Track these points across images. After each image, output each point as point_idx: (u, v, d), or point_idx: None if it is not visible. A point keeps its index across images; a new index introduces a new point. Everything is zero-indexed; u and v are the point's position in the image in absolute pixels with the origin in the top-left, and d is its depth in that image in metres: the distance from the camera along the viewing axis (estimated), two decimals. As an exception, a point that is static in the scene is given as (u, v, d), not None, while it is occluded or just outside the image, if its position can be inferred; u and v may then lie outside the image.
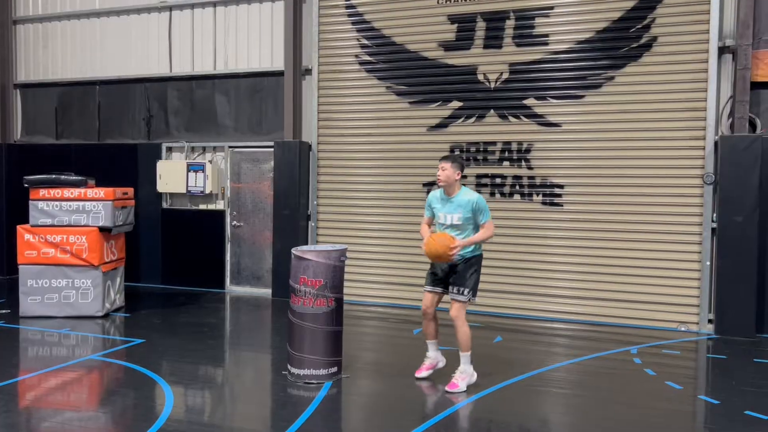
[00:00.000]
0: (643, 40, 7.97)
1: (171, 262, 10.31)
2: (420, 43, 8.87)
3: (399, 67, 9.00)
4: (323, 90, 9.43)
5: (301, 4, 9.41)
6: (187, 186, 9.94)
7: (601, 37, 8.13)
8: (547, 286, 8.45)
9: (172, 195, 10.28)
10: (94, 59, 10.79)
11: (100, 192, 8.04)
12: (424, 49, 8.86)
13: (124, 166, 10.32)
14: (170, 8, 10.21)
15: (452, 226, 5.50)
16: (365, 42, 9.14)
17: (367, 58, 9.15)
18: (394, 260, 9.12)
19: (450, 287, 5.56)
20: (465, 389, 5.39)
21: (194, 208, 10.22)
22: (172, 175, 10.01)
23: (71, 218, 7.98)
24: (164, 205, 10.30)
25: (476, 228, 5.51)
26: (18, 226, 8.00)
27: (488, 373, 5.85)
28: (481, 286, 8.50)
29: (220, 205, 10.09)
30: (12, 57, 11.26)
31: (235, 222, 10.02)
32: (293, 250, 5.65)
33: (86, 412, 4.99)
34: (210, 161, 9.99)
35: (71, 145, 10.88)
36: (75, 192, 8.01)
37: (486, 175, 8.67)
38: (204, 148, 10.20)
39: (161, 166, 10.08)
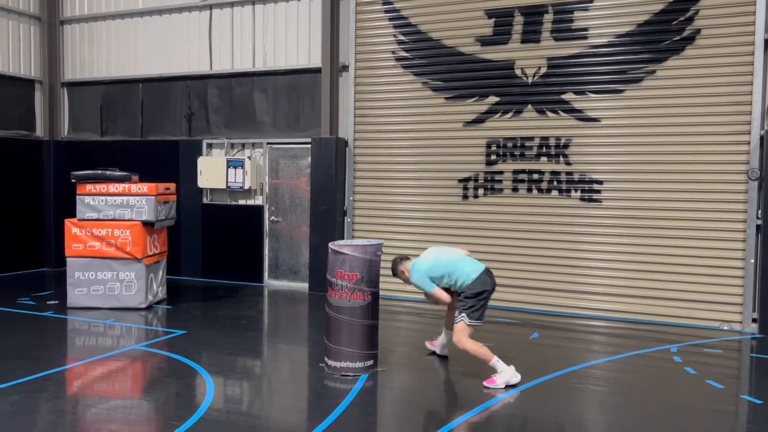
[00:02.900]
0: (685, 33, 7.79)
1: (211, 256, 10.53)
2: (457, 39, 8.85)
3: (436, 63, 8.99)
4: (360, 86, 9.49)
5: (339, 2, 9.47)
6: (227, 182, 10.14)
7: (642, 30, 7.98)
8: (585, 283, 8.35)
9: (212, 190, 10.50)
10: (137, 58, 11.07)
11: (144, 187, 8.27)
12: (461, 45, 8.83)
13: (166, 162, 10.58)
14: (210, 7, 10.41)
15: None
16: (402, 38, 9.16)
17: (404, 54, 9.17)
18: (429, 256, 9.12)
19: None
20: (503, 387, 5.39)
21: (233, 203, 10.41)
22: (212, 171, 10.22)
23: (116, 213, 8.22)
24: (205, 201, 10.52)
25: (453, 272, 5.72)
26: (66, 220, 8.28)
27: (524, 369, 5.83)
28: (519, 282, 8.61)
29: (258, 201, 10.26)
30: (59, 56, 11.64)
31: (273, 217, 10.18)
32: (330, 245, 5.73)
33: (130, 400, 5.16)
34: (249, 157, 10.16)
35: (115, 142, 11.20)
36: (119, 187, 8.25)
37: (523, 171, 8.61)
38: (243, 145, 10.38)
39: (202, 162, 10.30)
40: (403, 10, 9.13)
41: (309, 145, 9.68)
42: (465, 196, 8.94)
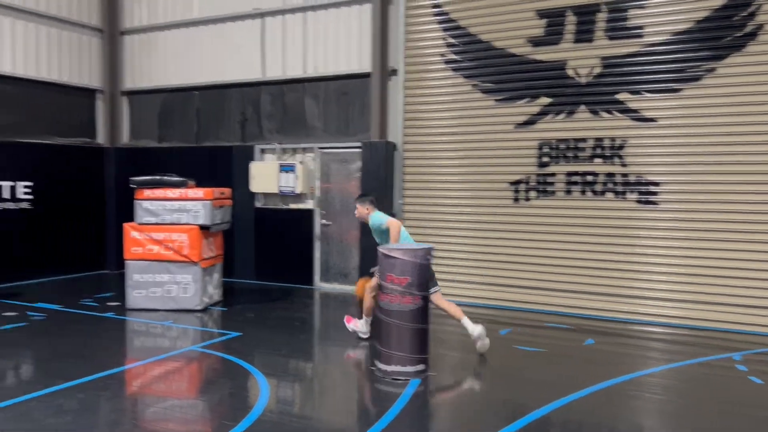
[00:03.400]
0: (747, 29, 7.49)
1: (264, 259, 10.72)
2: (507, 40, 8.75)
3: (485, 65, 8.92)
4: (409, 90, 9.50)
5: (388, 7, 9.52)
6: (279, 186, 10.31)
7: (701, 27, 7.71)
8: (642, 288, 8.12)
9: (265, 195, 10.69)
10: (193, 66, 11.39)
11: (200, 192, 8.49)
12: (512, 46, 8.74)
13: (220, 167, 10.84)
14: (263, 15, 10.62)
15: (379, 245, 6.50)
16: (451, 41, 9.13)
17: (453, 56, 9.13)
18: (480, 259, 9.06)
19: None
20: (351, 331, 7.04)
21: (285, 207, 10.58)
22: (264, 176, 10.41)
23: (173, 217, 8.47)
24: (257, 205, 10.73)
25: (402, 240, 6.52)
26: (125, 224, 8.58)
27: (579, 376, 5.71)
28: (572, 286, 8.44)
29: (309, 205, 10.39)
30: (120, 66, 12.09)
31: (324, 221, 10.29)
32: (380, 249, 5.75)
33: (186, 399, 5.30)
34: (300, 162, 10.31)
35: (173, 148, 11.54)
36: (177, 192, 8.50)
37: (576, 173, 8.45)
38: (294, 150, 10.54)
39: (255, 167, 10.51)
40: (453, 13, 9.09)
41: (359, 150, 9.75)
42: (516, 199, 8.82)
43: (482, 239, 9.03)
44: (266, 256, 10.71)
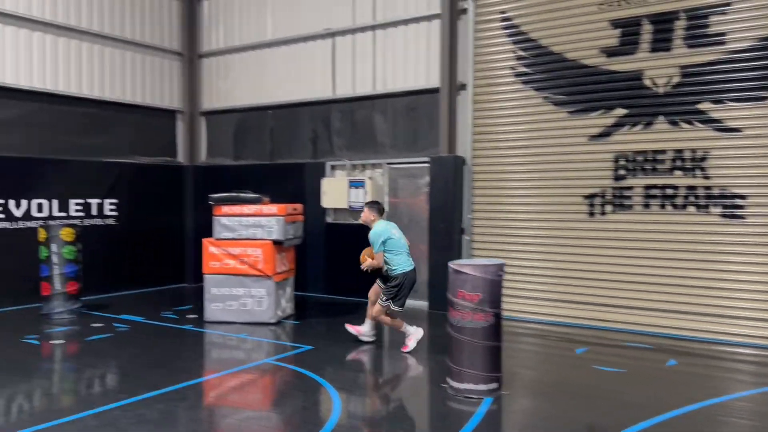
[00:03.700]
0: (844, 31, 7.03)
1: (334, 273, 10.85)
2: (580, 51, 8.57)
3: (557, 77, 8.76)
4: (478, 104, 9.45)
5: (457, 21, 9.53)
6: (349, 201, 10.45)
7: (791, 31, 7.30)
8: (728, 307, 7.69)
9: (335, 210, 10.86)
10: (266, 86, 11.76)
11: (274, 208, 8.72)
12: (584, 57, 8.55)
13: (293, 183, 11.09)
14: (333, 35, 10.86)
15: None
16: (522, 53, 9.03)
17: (524, 69, 9.02)
18: (553, 275, 8.84)
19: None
20: (415, 345, 7.18)
21: (355, 222, 10.68)
22: (335, 192, 10.58)
23: (248, 232, 8.72)
24: (328, 220, 10.90)
25: (389, 252, 7.19)
26: (204, 240, 8.91)
27: (662, 398, 5.45)
28: (651, 304, 8.10)
29: (378, 220, 10.44)
30: (198, 88, 12.63)
31: (392, 236, 10.31)
32: (450, 264, 5.71)
33: (261, 412, 5.41)
34: (369, 177, 10.41)
35: (247, 166, 11.92)
36: (252, 208, 8.76)
37: (655, 186, 8.13)
38: (364, 165, 10.66)
39: (325, 183, 10.69)
40: (523, 26, 9.00)
41: (427, 164, 9.76)
42: (591, 213, 8.57)
43: (555, 254, 8.81)
44: (337, 270, 10.84)
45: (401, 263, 7.21)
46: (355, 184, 10.42)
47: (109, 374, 6.48)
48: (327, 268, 10.92)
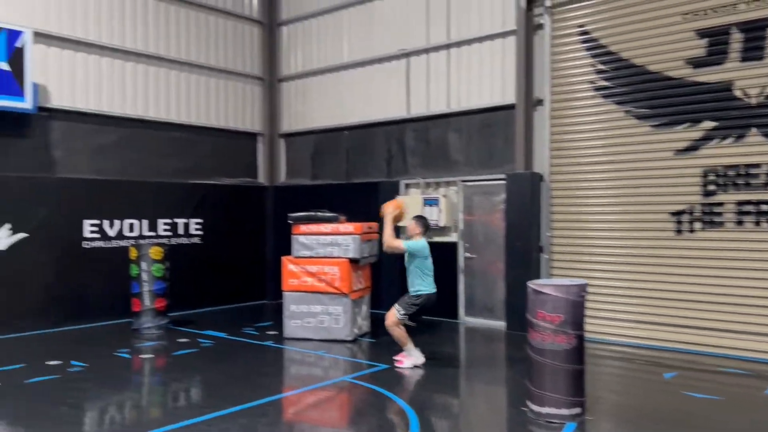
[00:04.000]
0: None
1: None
2: (663, 63, 8.26)
3: (639, 90, 8.47)
4: (556, 120, 9.26)
5: (533, 37, 9.41)
6: (424, 220, 10.43)
7: None
8: (836, 332, 7.10)
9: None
10: (342, 108, 12.01)
11: (350, 227, 8.84)
12: (669, 69, 8.22)
13: (368, 202, 11.18)
14: (407, 55, 10.97)
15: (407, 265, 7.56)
16: (601, 67, 8.79)
17: (604, 83, 8.78)
18: (638, 296, 8.47)
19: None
20: (411, 367, 7.21)
21: (429, 240, 10.64)
22: (409, 210, 10.58)
23: (326, 250, 8.87)
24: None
25: (418, 269, 7.44)
26: (283, 257, 9.13)
27: (760, 428, 5.08)
28: (746, 327, 7.60)
29: (453, 238, 10.40)
30: (278, 111, 13.06)
31: (467, 253, 10.23)
32: (530, 284, 5.58)
33: (338, 429, 5.45)
34: (444, 195, 10.39)
35: (324, 185, 12.17)
36: (329, 227, 8.91)
37: (749, 202, 7.67)
38: (438, 183, 10.65)
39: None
40: (602, 39, 8.77)
41: (503, 182, 9.63)
42: (678, 231, 8.18)
43: (640, 274, 8.44)
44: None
45: (428, 285, 7.44)
46: (430, 202, 10.41)
47: (193, 388, 6.73)
48: (402, 286, 10.83)
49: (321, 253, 8.89)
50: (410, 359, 7.32)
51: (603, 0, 8.79)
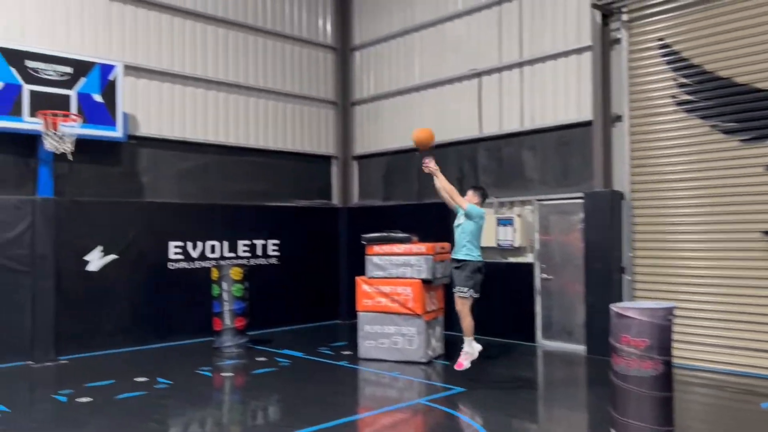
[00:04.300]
0: None
1: (483, 314, 10.60)
2: (752, 74, 7.84)
3: (726, 103, 8.07)
4: (636, 136, 8.95)
5: (610, 52, 9.18)
6: (497, 240, 10.29)
7: None
8: None
9: (483, 248, 10.70)
10: (413, 129, 12.04)
11: (422, 247, 8.83)
12: (758, 80, 7.80)
13: (439, 222, 11.13)
14: (479, 74, 10.94)
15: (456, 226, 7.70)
16: (683, 81, 8.46)
17: (687, 97, 8.43)
18: (730, 320, 7.98)
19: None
20: (469, 366, 7.31)
21: (504, 261, 10.50)
22: (482, 230, 10.45)
23: (399, 271, 8.89)
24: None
25: (473, 236, 7.56)
26: (357, 278, 9.22)
27: None
28: None
29: (529, 258, 10.18)
30: (351, 134, 13.30)
31: (544, 275, 9.98)
32: (612, 307, 5.38)
33: (417, 453, 5.39)
34: (518, 215, 10.21)
35: (396, 206, 12.24)
36: (402, 248, 8.94)
37: None
38: (512, 203, 10.49)
39: (473, 221, 10.63)
40: (684, 52, 8.45)
41: (581, 200, 9.37)
42: (772, 251, 7.69)
43: (732, 296, 7.97)
44: (485, 310, 10.60)
45: (480, 253, 7.57)
46: (504, 222, 10.26)
47: (271, 407, 6.86)
48: (476, 307, 10.74)
49: (394, 274, 8.91)
50: (469, 357, 7.46)
51: (684, 11, 8.47)
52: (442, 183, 7.78)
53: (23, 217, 8.89)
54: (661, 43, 8.68)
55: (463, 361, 7.43)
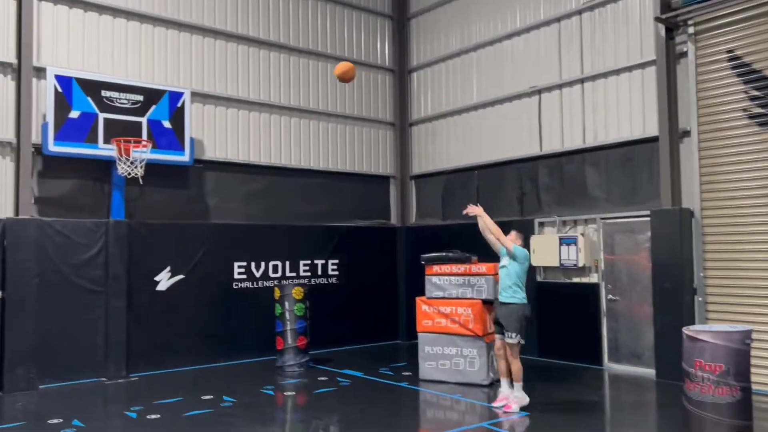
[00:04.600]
0: None
1: (546, 335, 10.43)
2: (831, 84, 7.46)
3: (803, 115, 7.70)
4: (705, 151, 8.63)
5: (675, 66, 8.92)
6: (560, 259, 10.07)
7: None
8: None
9: (545, 268, 10.53)
10: (472, 148, 12.04)
11: (482, 267, 8.73)
12: (838, 90, 7.41)
13: (500, 242, 11.02)
14: (539, 91, 10.82)
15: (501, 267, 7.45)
16: (755, 93, 8.11)
17: (759, 110, 8.08)
18: (813, 344, 7.52)
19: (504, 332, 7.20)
20: (518, 410, 6.92)
21: (567, 281, 10.25)
22: (544, 249, 10.29)
23: (459, 291, 8.82)
24: (538, 279, 10.58)
25: (519, 279, 7.25)
26: (417, 298, 9.19)
27: None
28: None
29: (593, 278, 9.91)
30: (409, 154, 13.38)
31: (610, 295, 9.68)
32: (685, 330, 5.18)
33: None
34: (582, 234, 9.97)
35: (455, 225, 12.16)
36: (461, 268, 8.87)
37: None
38: (575, 222, 10.26)
39: (534, 240, 10.46)
40: (755, 63, 8.11)
41: (648, 218, 9.08)
42: None
43: (814, 319, 7.52)
44: (549, 331, 10.41)
45: (525, 294, 7.29)
46: (567, 241, 10.03)
47: (332, 427, 6.89)
48: (538, 328, 10.53)
49: (454, 294, 8.85)
50: (520, 402, 7.11)
51: (755, 22, 8.16)
52: (487, 224, 7.52)
53: (98, 239, 9.32)
54: (730, 55, 8.37)
55: (513, 405, 7.08)
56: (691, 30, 8.74)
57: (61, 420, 6.92)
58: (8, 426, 6.79)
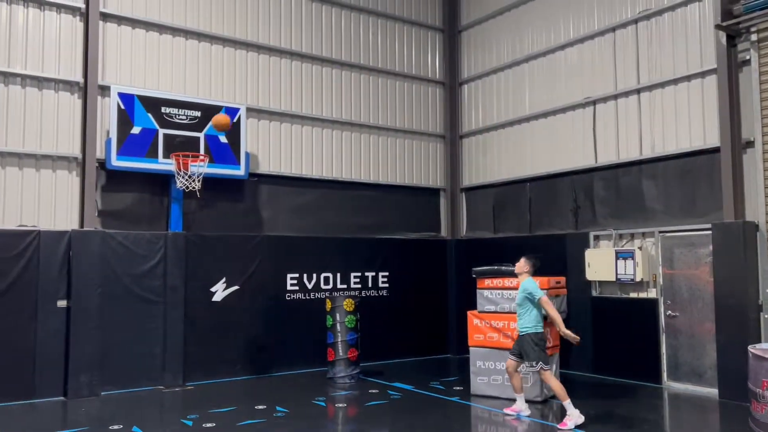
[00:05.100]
0: None
1: (601, 351, 10.17)
2: None
3: None
4: (771, 162, 8.29)
5: (738, 74, 8.62)
6: (616, 274, 9.81)
7: None
8: None
9: (601, 283, 10.27)
10: (524, 160, 11.91)
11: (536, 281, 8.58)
12: None
13: (554, 255, 10.82)
14: (594, 102, 10.63)
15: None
16: (825, 101, 7.76)
17: (830, 118, 7.72)
18: None
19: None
20: (573, 427, 6.86)
21: (624, 296, 9.98)
22: (600, 263, 10.05)
23: (511, 306, 8.68)
24: (593, 294, 10.34)
25: (537, 311, 7.56)
26: (468, 312, 9.11)
27: None
28: None
29: (652, 294, 9.61)
30: (459, 166, 13.33)
31: (669, 311, 9.36)
32: (751, 349, 4.96)
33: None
34: (639, 248, 9.70)
35: (506, 238, 12.04)
36: (514, 282, 8.73)
37: None
38: (632, 235, 9.99)
39: (589, 254, 10.24)
40: (825, 69, 7.77)
41: (709, 232, 8.76)
42: None
43: None
44: (605, 348, 10.13)
45: (535, 323, 7.58)
46: (624, 255, 9.77)
47: (384, 440, 6.86)
48: (594, 344, 10.27)
49: (506, 308, 8.73)
50: (572, 419, 7.10)
51: (823, 26, 7.83)
52: (553, 312, 7.67)
53: (157, 250, 9.63)
54: (797, 61, 8.04)
55: (568, 422, 7.07)
56: (753, 37, 8.45)
57: (121, 426, 7.15)
58: (73, 431, 7.06)
